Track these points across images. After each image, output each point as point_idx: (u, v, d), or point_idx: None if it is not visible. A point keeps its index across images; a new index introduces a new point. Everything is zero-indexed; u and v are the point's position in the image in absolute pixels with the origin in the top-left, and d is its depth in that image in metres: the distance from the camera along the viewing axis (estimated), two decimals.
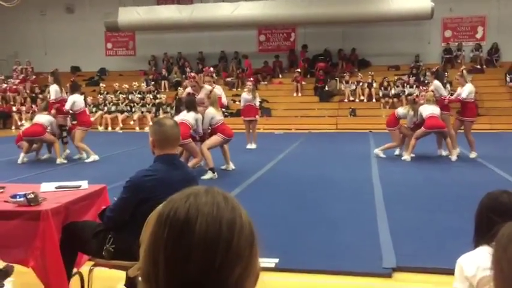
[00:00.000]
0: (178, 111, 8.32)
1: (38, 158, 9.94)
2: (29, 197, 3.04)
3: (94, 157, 9.58)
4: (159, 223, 0.87)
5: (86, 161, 9.59)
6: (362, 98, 17.93)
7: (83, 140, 9.70)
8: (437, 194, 6.52)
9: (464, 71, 10.08)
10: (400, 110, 9.86)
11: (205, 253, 0.82)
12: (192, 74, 9.39)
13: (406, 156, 9.33)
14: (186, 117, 7.74)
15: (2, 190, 3.48)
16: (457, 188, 6.84)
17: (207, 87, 8.68)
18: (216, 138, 8.10)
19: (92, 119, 16.79)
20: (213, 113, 8.14)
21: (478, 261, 1.99)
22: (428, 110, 9.18)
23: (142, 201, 2.79)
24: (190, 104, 7.88)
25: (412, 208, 5.78)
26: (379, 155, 9.62)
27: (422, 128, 9.21)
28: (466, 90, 9.43)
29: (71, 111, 9.58)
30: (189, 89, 8.72)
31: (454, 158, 9.23)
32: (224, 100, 9.73)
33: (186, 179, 2.92)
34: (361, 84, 18.04)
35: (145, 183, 2.84)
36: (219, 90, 9.36)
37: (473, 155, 9.43)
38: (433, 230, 4.88)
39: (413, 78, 17.75)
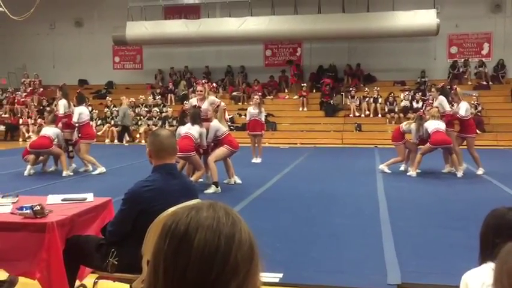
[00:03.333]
0: (182, 123, 8.33)
1: (44, 170, 9.98)
2: (35, 209, 3.06)
3: (101, 169, 9.61)
4: (161, 235, 0.90)
5: (93, 173, 9.63)
6: (368, 112, 17.95)
7: (88, 152, 9.75)
8: (443, 210, 6.49)
9: (458, 89, 10.11)
10: (405, 125, 9.87)
11: (202, 265, 0.84)
12: (203, 81, 9.41)
13: (412, 172, 9.30)
14: (191, 130, 7.76)
15: (16, 200, 3.53)
16: (462, 205, 6.81)
17: (212, 98, 8.67)
18: (222, 150, 8.09)
19: (99, 132, 17.08)
20: (218, 126, 8.16)
21: (483, 277, 1.98)
22: (434, 125, 9.18)
23: (141, 212, 2.80)
24: (195, 117, 7.86)
25: (417, 224, 5.75)
26: (384, 170, 9.60)
27: (428, 143, 9.20)
28: (462, 108, 9.42)
29: (77, 124, 9.65)
30: (194, 101, 8.71)
31: (459, 174, 9.19)
32: (226, 116, 9.72)
33: (184, 189, 2.93)
34: (366, 99, 18.08)
35: (143, 194, 2.85)
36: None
37: (480, 171, 9.38)
38: (438, 247, 4.85)
39: (419, 93, 17.77)
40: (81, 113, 9.61)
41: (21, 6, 15.47)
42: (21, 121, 18.97)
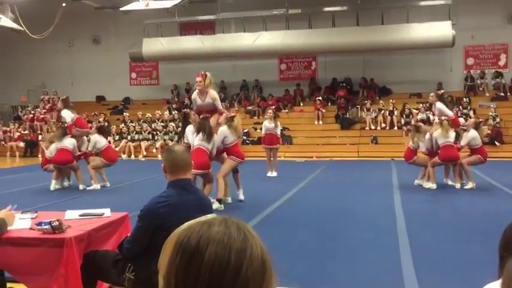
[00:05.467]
0: (185, 125, 8.03)
1: (62, 186, 10.07)
2: (53, 224, 3.10)
3: (96, 186, 9.66)
4: (173, 250, 0.91)
5: (87, 188, 9.62)
6: (383, 125, 17.84)
7: (99, 168, 9.86)
8: (461, 224, 6.39)
9: (472, 120, 10.10)
10: (412, 144, 9.75)
11: (212, 280, 0.84)
12: (203, 72, 8.47)
13: (432, 185, 9.15)
14: (204, 142, 7.46)
15: (35, 216, 3.58)
16: (481, 218, 6.70)
17: (214, 93, 7.88)
18: (229, 163, 7.90)
19: (117, 148, 17.27)
20: (227, 133, 7.89)
21: None
22: (442, 139, 9.08)
23: (158, 228, 2.81)
24: (205, 129, 7.44)
25: (435, 238, 5.67)
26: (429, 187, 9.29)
27: (437, 158, 9.12)
28: (469, 136, 9.32)
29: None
30: (196, 99, 7.88)
31: (469, 185, 9.04)
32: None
33: (199, 204, 2.93)
34: (382, 112, 17.99)
35: (159, 209, 2.86)
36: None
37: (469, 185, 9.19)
38: (457, 261, 4.77)
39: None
40: (97, 141, 9.79)
41: (40, 25, 15.83)
42: (40, 137, 19.26)
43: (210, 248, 0.87)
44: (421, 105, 17.76)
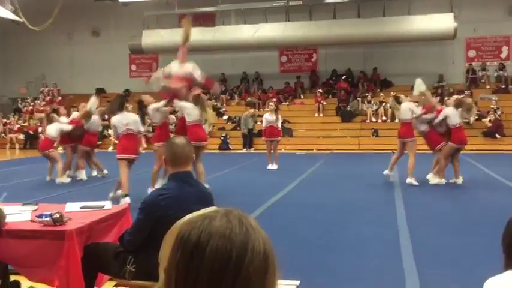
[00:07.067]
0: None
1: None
2: (54, 216, 3.09)
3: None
4: (175, 244, 0.89)
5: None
6: (384, 118, 17.81)
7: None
8: (462, 217, 6.39)
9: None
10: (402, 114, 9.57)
11: (213, 277, 0.83)
12: None
13: (439, 180, 8.92)
14: (130, 125, 7.70)
15: (35, 208, 3.57)
16: (482, 211, 6.70)
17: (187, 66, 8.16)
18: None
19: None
20: (190, 108, 7.96)
21: (506, 285, 1.94)
22: (458, 119, 8.82)
23: (159, 220, 2.82)
24: (121, 105, 7.74)
25: (436, 231, 5.67)
26: (413, 183, 8.94)
27: (451, 142, 8.76)
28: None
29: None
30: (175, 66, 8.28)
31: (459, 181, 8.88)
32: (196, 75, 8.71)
33: (200, 196, 2.94)
34: (383, 104, 17.95)
35: (160, 202, 2.87)
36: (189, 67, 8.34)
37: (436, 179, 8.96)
38: (458, 254, 4.77)
39: (438, 98, 17.56)
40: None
41: (39, 16, 15.75)
42: (40, 129, 19.23)
43: (211, 243, 0.85)
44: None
